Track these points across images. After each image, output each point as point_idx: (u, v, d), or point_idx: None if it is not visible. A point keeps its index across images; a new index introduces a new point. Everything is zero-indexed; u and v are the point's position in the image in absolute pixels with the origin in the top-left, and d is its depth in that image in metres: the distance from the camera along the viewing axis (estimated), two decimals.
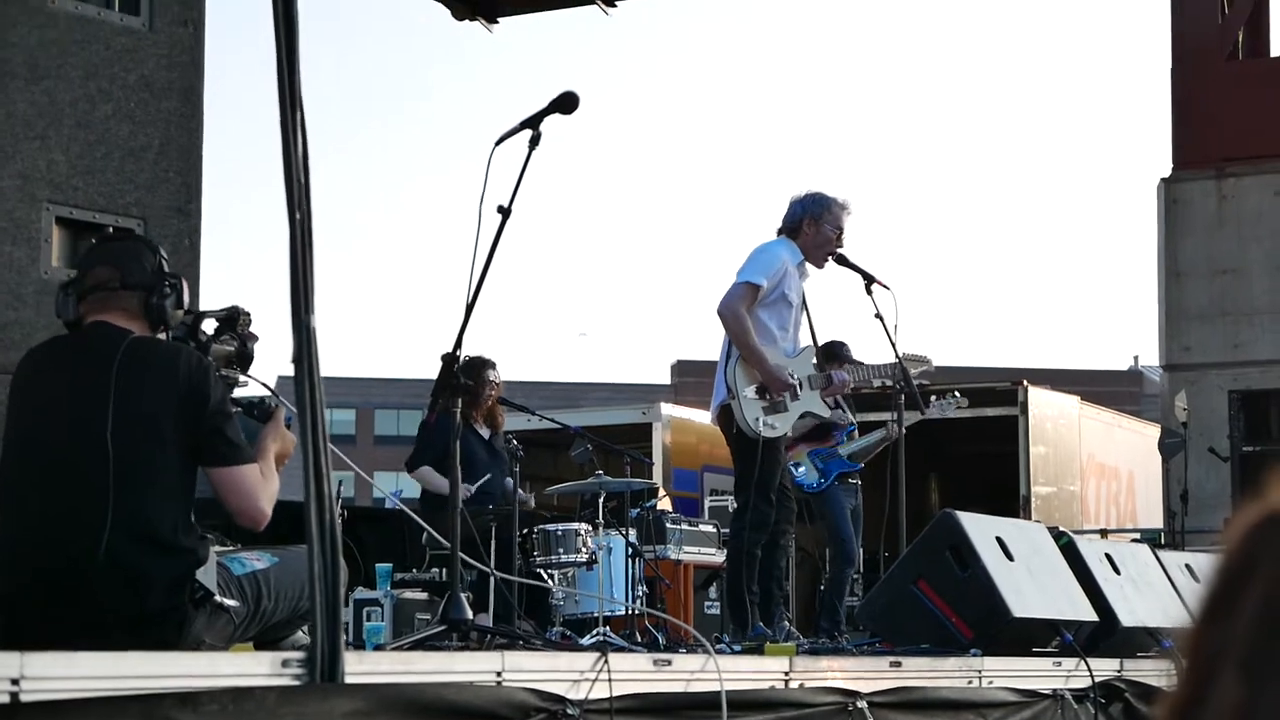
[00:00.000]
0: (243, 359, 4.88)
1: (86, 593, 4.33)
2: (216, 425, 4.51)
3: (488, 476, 9.80)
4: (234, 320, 4.89)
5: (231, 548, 4.82)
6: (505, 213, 5.86)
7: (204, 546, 4.52)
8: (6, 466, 4.62)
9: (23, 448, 4.58)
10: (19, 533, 4.49)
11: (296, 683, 4.12)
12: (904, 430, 9.10)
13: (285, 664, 4.14)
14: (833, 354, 10.16)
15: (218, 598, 4.42)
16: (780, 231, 8.56)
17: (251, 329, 4.99)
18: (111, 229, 5.65)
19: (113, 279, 4.63)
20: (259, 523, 4.57)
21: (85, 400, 4.45)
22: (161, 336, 4.66)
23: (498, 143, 5.87)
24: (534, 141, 5.92)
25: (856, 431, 10.88)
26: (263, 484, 4.58)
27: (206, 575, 4.43)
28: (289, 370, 4.35)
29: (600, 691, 5.05)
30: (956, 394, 11.36)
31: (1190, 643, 1.34)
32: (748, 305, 8.23)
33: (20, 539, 4.48)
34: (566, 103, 6.00)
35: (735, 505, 8.64)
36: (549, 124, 5.95)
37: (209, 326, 4.85)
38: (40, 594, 4.38)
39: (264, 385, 5.03)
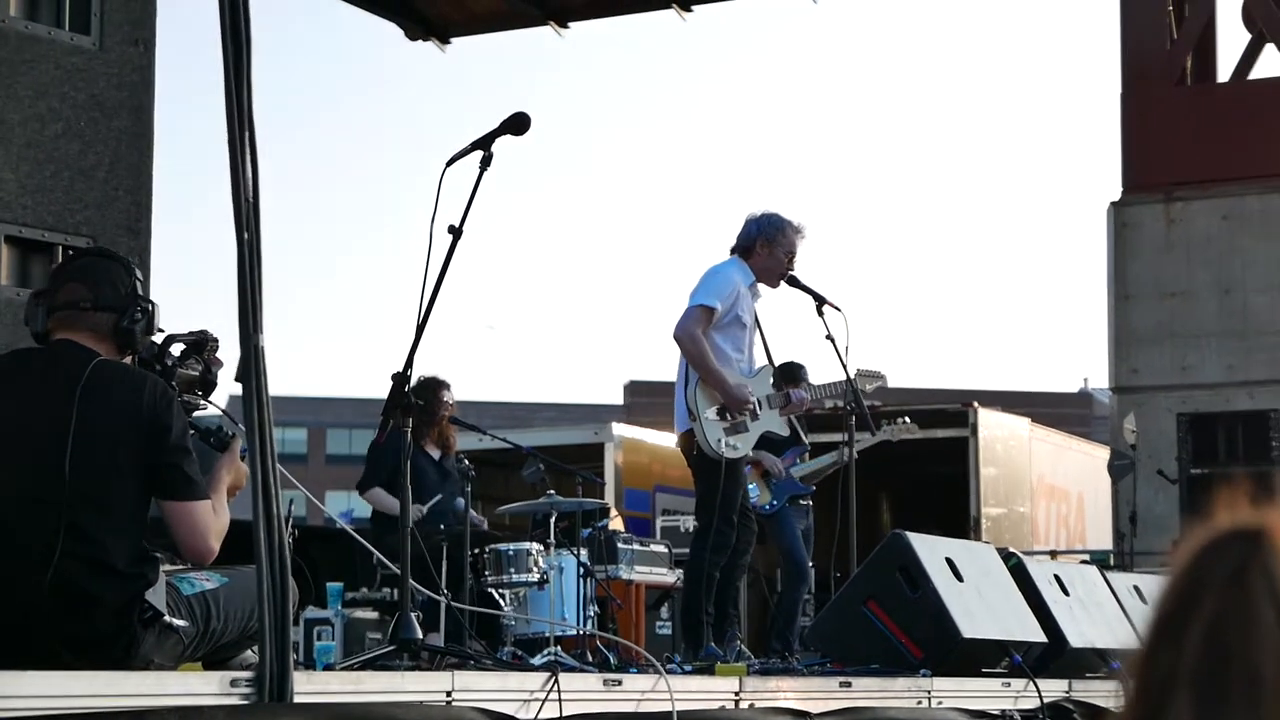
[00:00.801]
0: (206, 385, 4.86)
1: (33, 616, 4.30)
2: (174, 460, 4.49)
3: (438, 497, 9.77)
4: (201, 345, 4.88)
5: (180, 567, 4.80)
6: (456, 233, 5.86)
7: (153, 568, 4.50)
8: None
9: None
10: None
11: (245, 701, 4.11)
12: (856, 455, 9.13)
13: (234, 683, 4.13)
14: (790, 375, 10.18)
15: (167, 618, 4.40)
16: (733, 250, 8.59)
17: (218, 355, 4.99)
18: (62, 247, 5.64)
19: (85, 298, 4.60)
20: (205, 559, 4.56)
21: (45, 422, 4.42)
22: (128, 360, 4.65)
23: (449, 163, 5.87)
24: (485, 162, 5.93)
25: (809, 454, 10.90)
26: (213, 520, 4.56)
27: (155, 595, 4.41)
28: (239, 389, 4.35)
29: (550, 711, 5.05)
30: (906, 419, 11.40)
31: (1139, 666, 1.35)
32: (704, 328, 8.26)
33: None
34: (518, 124, 6.01)
35: (695, 526, 8.65)
36: (500, 145, 5.96)
37: (176, 350, 4.84)
38: None
39: (224, 413, 5.02)
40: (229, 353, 5.03)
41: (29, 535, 4.33)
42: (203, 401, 4.82)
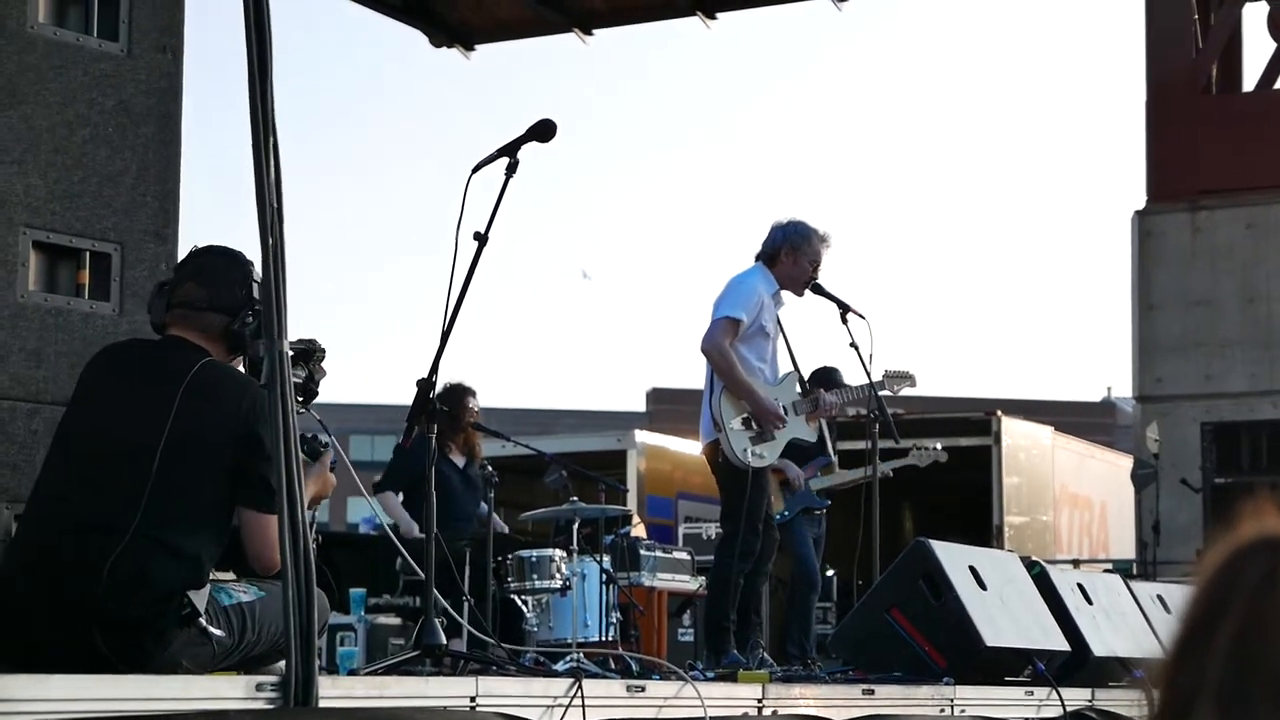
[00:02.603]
0: (307, 393, 4.94)
1: (81, 594, 4.37)
2: (262, 470, 4.56)
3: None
4: (309, 354, 4.97)
5: (217, 578, 4.84)
6: (482, 239, 5.88)
7: (207, 571, 4.57)
8: (57, 452, 4.71)
9: (74, 440, 4.66)
10: (43, 520, 4.58)
11: (270, 706, 4.13)
12: (890, 473, 9.12)
13: (259, 688, 4.15)
14: (826, 380, 10.16)
15: (202, 621, 4.44)
16: (758, 257, 8.61)
17: (322, 364, 5.06)
18: (89, 253, 5.66)
19: (200, 298, 4.77)
20: (269, 570, 4.64)
21: (145, 412, 4.54)
22: (237, 362, 4.78)
23: (475, 170, 5.88)
24: (511, 169, 5.94)
25: (836, 463, 10.84)
26: None
27: (198, 597, 4.47)
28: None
29: (574, 718, 5.06)
30: (937, 446, 11.29)
31: (1165, 676, 1.35)
32: (731, 340, 8.27)
33: (42, 526, 4.56)
34: (544, 131, 6.02)
35: (720, 533, 8.66)
36: (526, 151, 5.98)
37: None
38: (38, 583, 4.45)
39: (320, 422, 5.08)
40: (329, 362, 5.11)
41: (104, 520, 4.44)
42: (301, 410, 4.86)
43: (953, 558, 7.78)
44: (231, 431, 4.55)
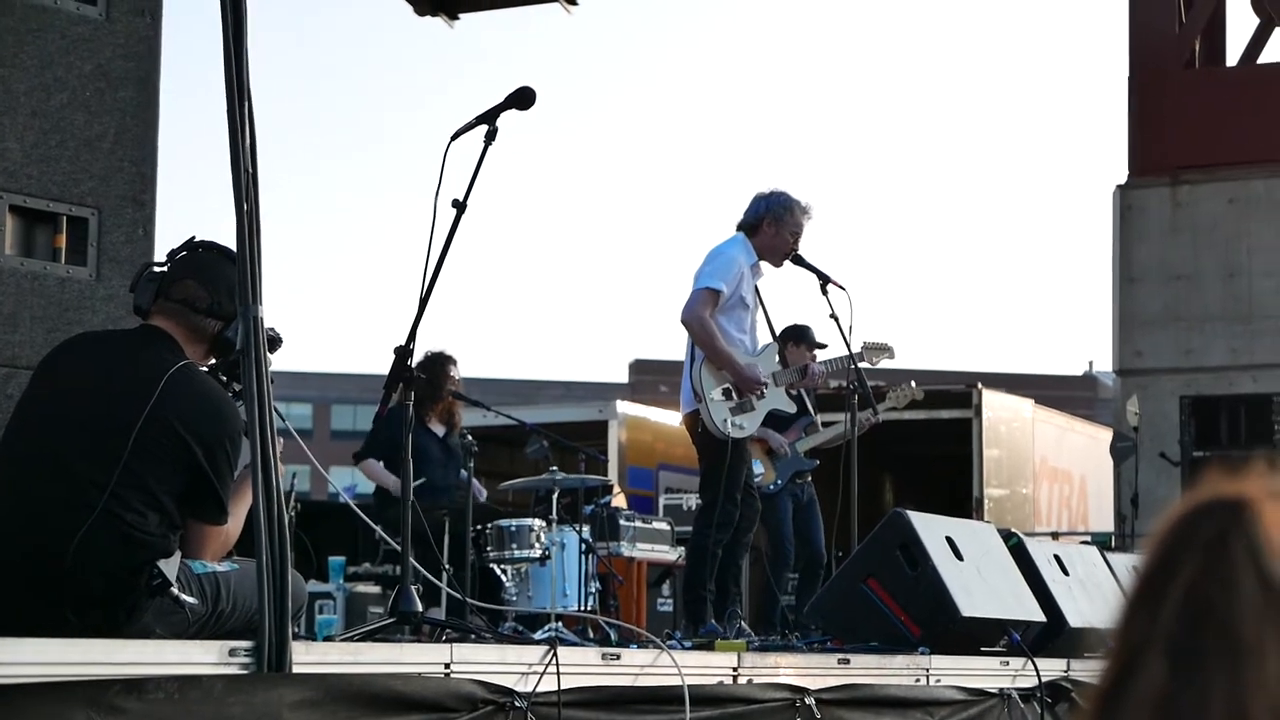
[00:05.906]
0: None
1: (47, 571, 4.36)
2: (214, 487, 4.60)
3: (422, 480, 9.75)
4: (272, 344, 4.96)
5: None
6: (460, 207, 5.87)
7: (175, 541, 4.56)
8: (20, 430, 4.70)
9: (40, 420, 4.64)
10: (6, 498, 4.57)
11: (244, 671, 4.14)
12: (878, 418, 9.13)
13: (233, 653, 4.16)
14: (798, 336, 10.17)
15: (175, 590, 4.44)
16: (740, 227, 8.60)
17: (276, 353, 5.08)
18: (66, 218, 5.65)
19: (200, 300, 4.75)
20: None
21: (120, 399, 4.52)
22: (213, 361, 4.79)
23: (454, 137, 5.87)
24: (490, 136, 5.93)
25: (820, 423, 10.86)
26: (219, 543, 4.71)
27: (168, 566, 4.46)
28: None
29: (549, 684, 5.07)
30: (912, 384, 11.34)
31: (1118, 630, 1.37)
32: (711, 310, 8.27)
33: (7, 505, 4.56)
34: (523, 98, 6.01)
35: (700, 503, 8.67)
36: (505, 119, 5.96)
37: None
38: (5, 564, 4.44)
39: (276, 412, 5.08)
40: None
41: (69, 499, 4.44)
42: None
43: (929, 528, 7.80)
44: (200, 437, 4.55)
